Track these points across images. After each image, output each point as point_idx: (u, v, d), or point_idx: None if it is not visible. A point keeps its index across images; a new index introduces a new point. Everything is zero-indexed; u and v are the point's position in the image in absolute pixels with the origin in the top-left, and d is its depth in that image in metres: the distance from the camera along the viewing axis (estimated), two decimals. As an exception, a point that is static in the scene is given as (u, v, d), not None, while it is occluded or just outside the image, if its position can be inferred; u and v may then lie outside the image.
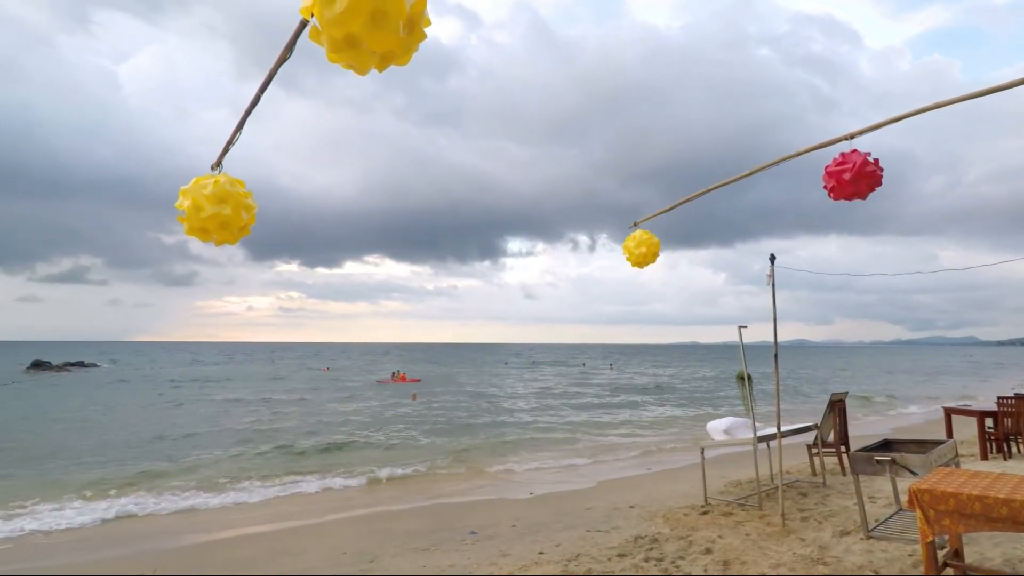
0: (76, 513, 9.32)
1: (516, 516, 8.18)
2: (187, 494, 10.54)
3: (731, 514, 6.89)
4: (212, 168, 2.87)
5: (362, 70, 1.68)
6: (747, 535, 5.96)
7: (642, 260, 5.36)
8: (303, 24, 2.03)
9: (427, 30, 1.64)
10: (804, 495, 7.60)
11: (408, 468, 12.67)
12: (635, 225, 5.36)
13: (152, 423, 20.45)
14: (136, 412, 23.84)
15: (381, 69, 1.70)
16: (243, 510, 9.69)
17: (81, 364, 60.23)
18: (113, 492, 10.71)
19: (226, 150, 2.76)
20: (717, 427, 7.81)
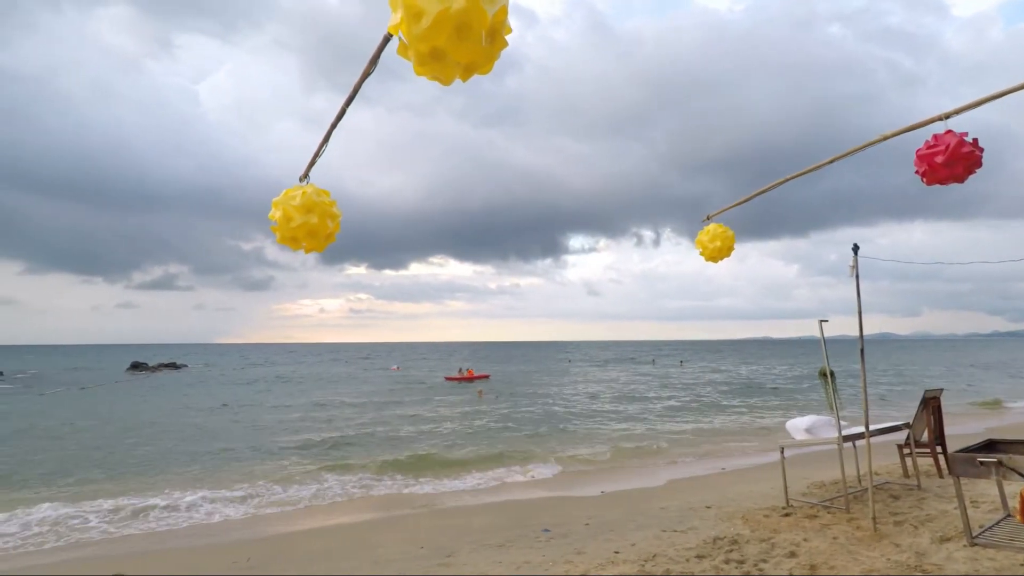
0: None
1: (588, 514, 8.15)
2: (272, 486, 11.15)
3: (816, 516, 6.59)
4: (300, 179, 3.04)
5: (447, 81, 1.74)
6: (835, 539, 5.69)
7: (716, 254, 5.22)
8: (387, 39, 2.11)
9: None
10: (896, 498, 7.17)
11: (479, 465, 12.88)
12: (708, 218, 5.22)
13: (243, 422, 21.73)
14: (230, 413, 25.41)
15: (465, 79, 1.76)
16: (323, 503, 10.15)
17: (173, 365, 64.85)
18: (208, 484, 11.50)
19: (313, 162, 2.91)
20: (798, 426, 7.49)
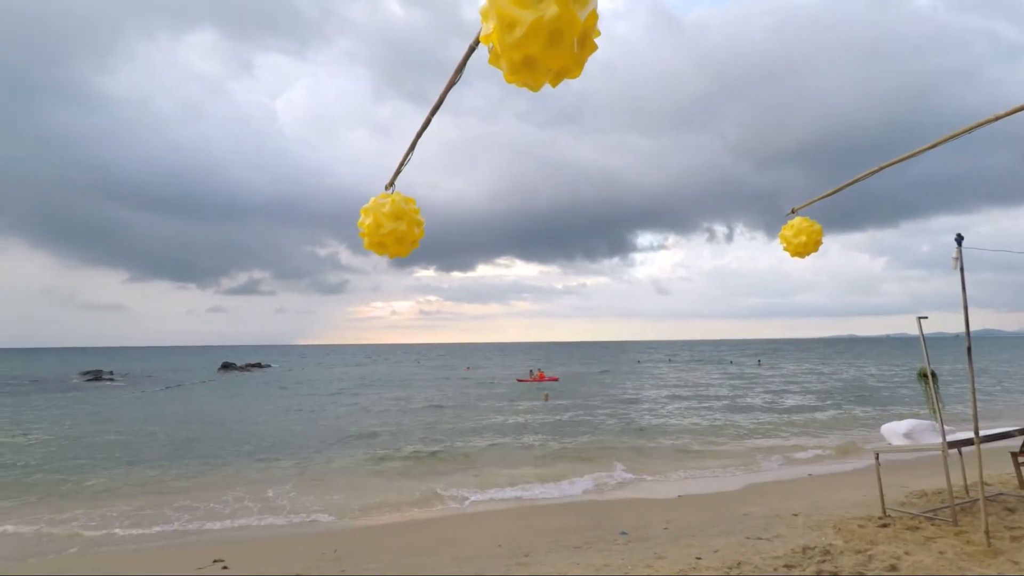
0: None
1: (667, 518, 7.99)
2: (358, 482, 11.62)
3: (918, 528, 6.15)
4: (385, 188, 3.17)
5: (536, 87, 1.76)
6: (941, 553, 5.29)
7: (802, 249, 4.98)
8: (472, 49, 2.16)
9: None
10: (1012, 511, 6.58)
11: (554, 467, 12.87)
12: (793, 212, 4.99)
13: (330, 420, 22.79)
14: (318, 411, 26.71)
15: (555, 84, 1.77)
16: (405, 500, 10.46)
17: (259, 365, 68.91)
18: (295, 479, 12.14)
19: (398, 171, 3.02)
20: (895, 430, 7.01)
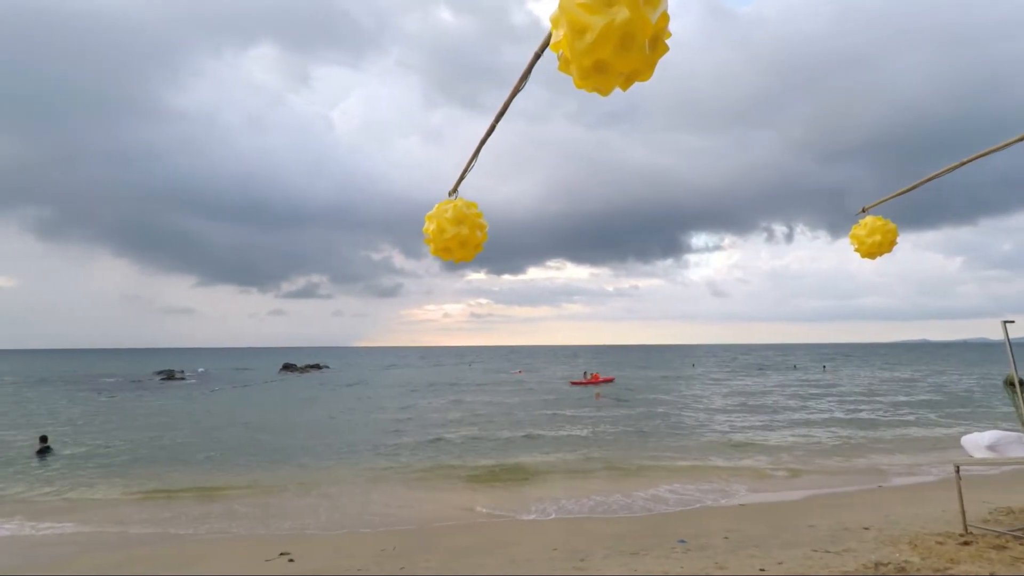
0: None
1: (727, 527, 7.77)
2: (419, 482, 11.85)
3: (1004, 548, 5.75)
4: (449, 194, 3.24)
5: (607, 91, 1.77)
6: (1032, 575, 4.93)
7: (875, 250, 4.75)
8: (537, 56, 2.19)
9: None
10: (1113, 532, 6.06)
11: (610, 472, 12.73)
12: (864, 210, 4.77)
13: (394, 423, 23.35)
14: (377, 414, 27.43)
15: (625, 88, 1.77)
16: (461, 500, 10.59)
17: (317, 367, 71.21)
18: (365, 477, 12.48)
19: (462, 177, 3.08)
20: (977, 442, 6.60)
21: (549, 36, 2.00)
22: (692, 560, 6.35)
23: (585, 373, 46.29)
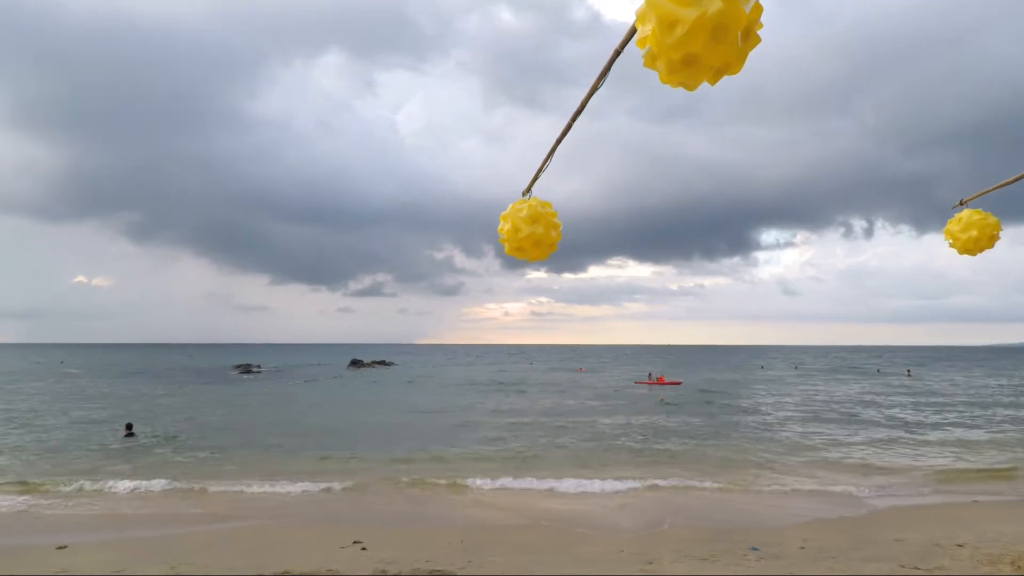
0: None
1: (803, 536, 7.45)
2: (489, 477, 11.99)
3: None
4: (522, 194, 3.26)
5: (694, 86, 1.73)
6: None
7: (972, 246, 4.37)
8: (617, 53, 2.17)
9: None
10: None
11: (678, 474, 12.42)
12: (962, 203, 4.41)
13: (462, 419, 23.81)
14: (445, 409, 28.03)
15: (714, 82, 1.73)
16: (529, 498, 10.64)
17: (383, 363, 73.33)
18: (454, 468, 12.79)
19: (536, 177, 3.09)
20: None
21: (631, 32, 1.98)
22: (765, 568, 6.14)
23: (650, 374, 45.14)
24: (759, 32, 1.65)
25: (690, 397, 31.18)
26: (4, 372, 54.90)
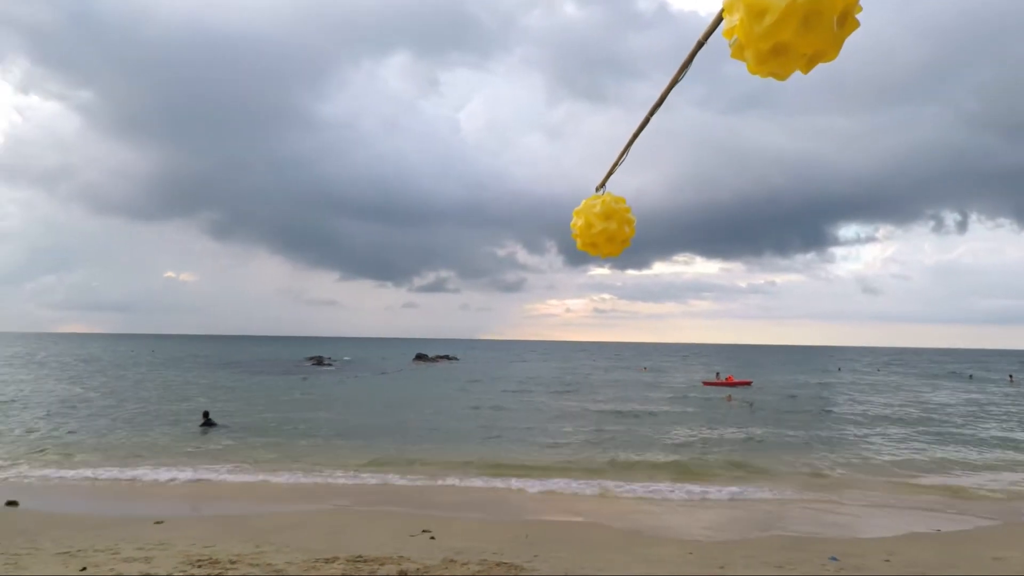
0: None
1: (888, 549, 7.03)
2: (557, 474, 12.04)
3: None
4: (596, 189, 3.25)
5: (785, 75, 1.68)
6: None
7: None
8: (700, 45, 2.13)
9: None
10: None
11: (753, 480, 11.97)
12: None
13: (527, 415, 24.02)
14: (512, 405, 28.35)
15: (807, 70, 1.67)
16: (594, 498, 10.60)
17: (447, 357, 74.77)
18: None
19: (611, 172, 3.07)
20: None
21: (715, 23, 1.94)
22: (847, 580, 5.85)
23: (718, 373, 43.35)
24: (858, 16, 1.58)
25: (762, 398, 29.75)
26: (104, 360, 59.94)
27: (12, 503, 9.60)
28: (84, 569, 6.29)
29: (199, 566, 6.36)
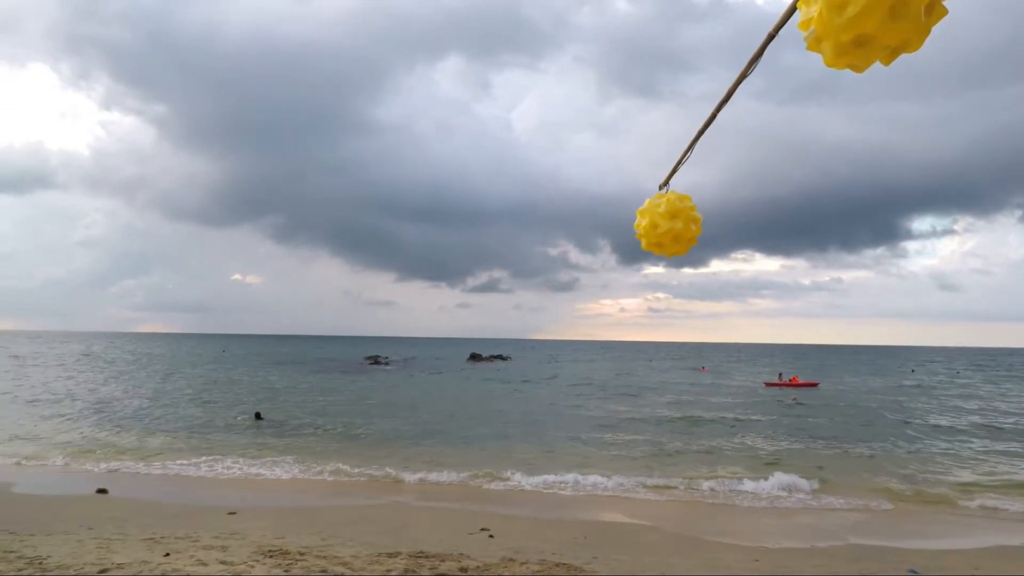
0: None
1: (974, 563, 6.61)
2: (616, 476, 11.95)
3: None
4: (659, 188, 3.21)
5: (864, 67, 1.62)
6: None
7: None
8: (771, 37, 2.07)
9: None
10: None
11: (825, 489, 11.44)
12: None
13: (587, 415, 23.95)
14: (571, 404, 28.36)
15: (888, 62, 1.60)
16: (658, 500, 10.45)
17: (500, 357, 75.23)
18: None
19: (675, 170, 3.02)
20: None
21: (787, 14, 1.89)
22: (928, 595, 5.53)
23: (781, 375, 41.32)
24: (945, 3, 1.50)
25: (830, 401, 28.18)
26: (181, 358, 63.60)
27: (102, 491, 10.35)
28: (167, 555, 6.70)
29: (271, 556, 6.66)
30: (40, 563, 5.74)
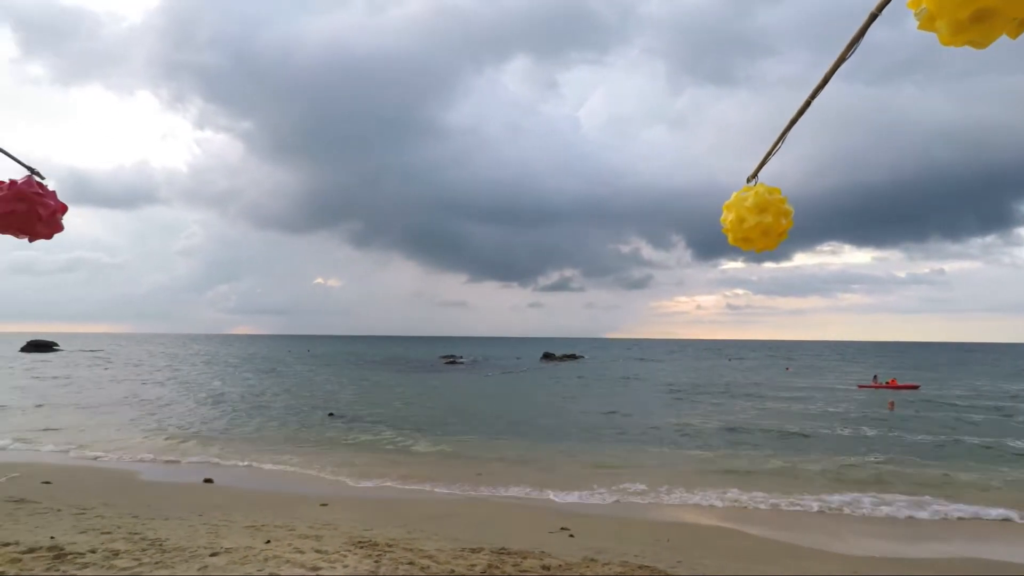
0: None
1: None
2: (699, 479, 11.67)
3: None
4: (747, 180, 3.09)
5: (986, 43, 1.51)
6: None
7: None
8: (873, 17, 1.96)
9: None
10: None
11: (923, 501, 10.63)
12: None
13: (667, 418, 23.55)
14: (650, 406, 27.97)
15: (1016, 35, 1.49)
16: (742, 504, 10.08)
17: (573, 356, 74.79)
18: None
19: (764, 162, 2.91)
20: None
21: (891, -9, 1.79)
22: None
23: (876, 376, 38.17)
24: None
25: (936, 407, 25.76)
26: (271, 358, 67.73)
27: (208, 480, 11.21)
28: (268, 542, 7.17)
29: (361, 547, 6.97)
30: (160, 545, 6.30)
